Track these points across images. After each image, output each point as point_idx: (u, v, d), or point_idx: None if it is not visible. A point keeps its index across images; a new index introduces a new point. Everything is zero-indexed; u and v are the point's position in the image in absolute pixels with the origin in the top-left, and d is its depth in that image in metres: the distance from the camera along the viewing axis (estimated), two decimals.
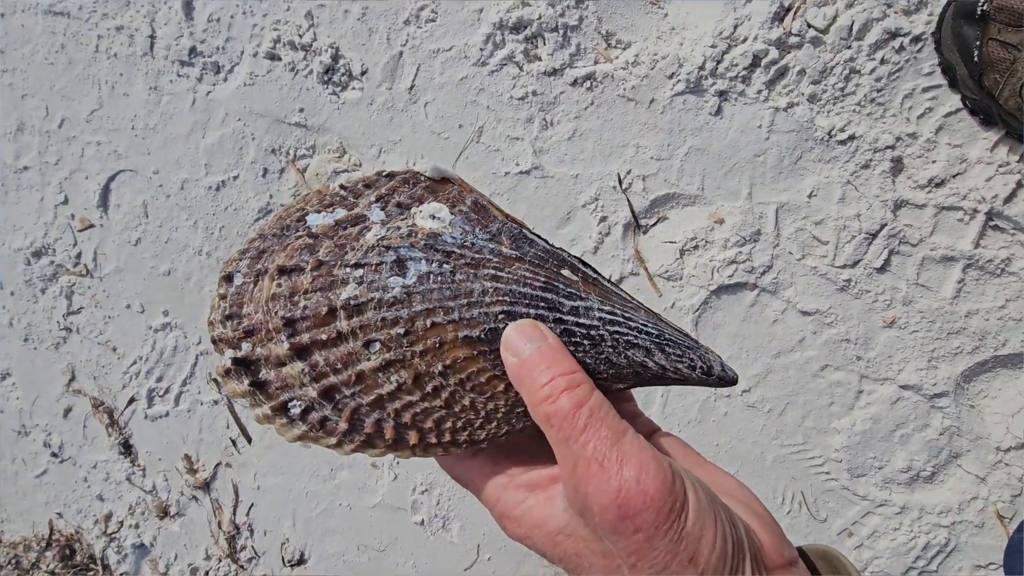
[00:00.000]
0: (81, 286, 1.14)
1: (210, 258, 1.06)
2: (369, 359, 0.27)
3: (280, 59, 0.95)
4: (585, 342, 0.28)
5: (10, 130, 1.13)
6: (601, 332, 0.28)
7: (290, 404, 0.27)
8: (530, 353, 0.26)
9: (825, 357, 0.82)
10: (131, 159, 1.06)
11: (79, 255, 1.13)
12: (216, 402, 1.10)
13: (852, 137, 0.77)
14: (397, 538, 1.04)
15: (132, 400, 1.15)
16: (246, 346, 0.28)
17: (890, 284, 0.79)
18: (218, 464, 1.12)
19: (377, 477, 1.03)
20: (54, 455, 1.23)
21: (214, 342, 0.29)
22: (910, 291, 0.78)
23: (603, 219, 0.86)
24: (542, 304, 0.28)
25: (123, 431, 1.17)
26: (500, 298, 0.27)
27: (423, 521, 1.02)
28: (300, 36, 0.94)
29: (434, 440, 0.28)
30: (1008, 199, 0.74)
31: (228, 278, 0.29)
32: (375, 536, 1.05)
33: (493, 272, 0.28)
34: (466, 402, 0.28)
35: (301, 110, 0.96)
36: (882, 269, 0.79)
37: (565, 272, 0.29)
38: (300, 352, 0.27)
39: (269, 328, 0.27)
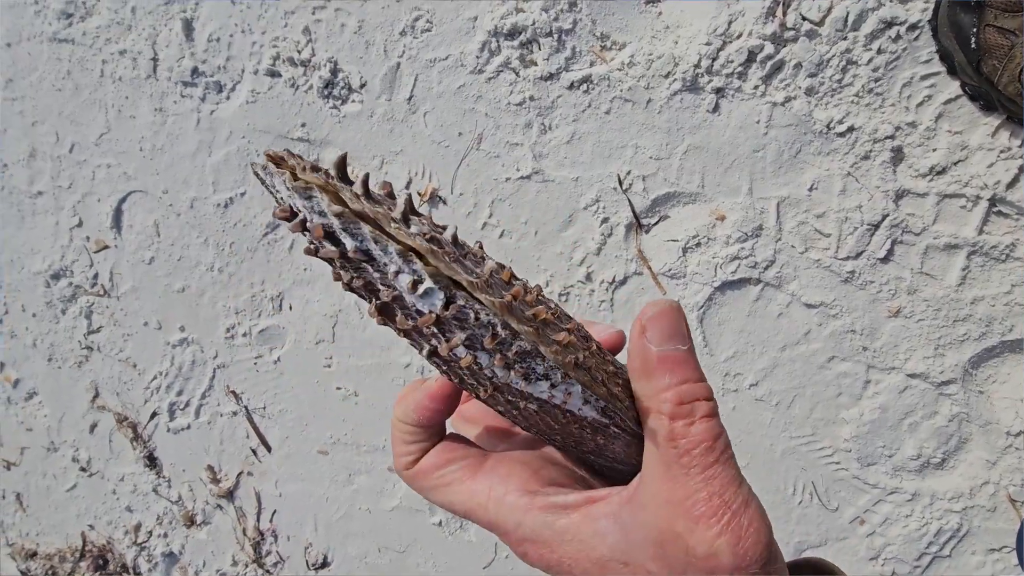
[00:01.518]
0: (99, 306, 1.17)
1: (222, 274, 1.08)
2: (487, 255, 0.23)
3: (280, 75, 0.97)
4: None
5: (23, 156, 1.15)
6: None
7: (412, 221, 0.21)
8: (671, 351, 0.23)
9: (831, 349, 0.82)
10: (141, 180, 1.09)
11: (96, 276, 1.16)
12: (235, 413, 1.13)
13: (851, 128, 0.77)
14: (416, 539, 1.06)
15: (154, 414, 1.18)
16: None
17: (894, 274, 0.79)
18: (240, 473, 1.15)
19: (394, 481, 1.06)
20: (83, 469, 1.27)
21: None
22: (914, 280, 0.78)
23: (605, 220, 0.87)
24: None
25: (147, 444, 1.20)
26: None
27: (441, 522, 1.04)
28: (299, 52, 0.95)
29: (582, 359, 0.23)
30: (1011, 184, 0.73)
31: None
32: (395, 538, 1.08)
33: None
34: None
35: (303, 125, 0.98)
36: (886, 259, 0.79)
37: None
38: (412, 211, 0.22)
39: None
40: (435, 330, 0.22)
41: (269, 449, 1.13)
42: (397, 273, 0.21)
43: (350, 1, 0.92)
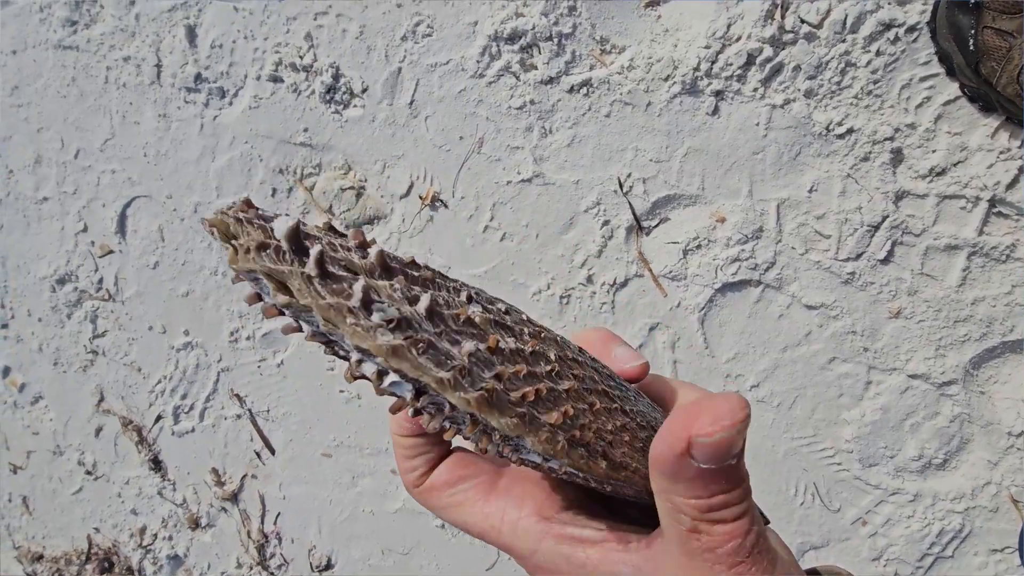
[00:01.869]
0: (104, 310, 1.18)
1: (225, 278, 1.09)
2: (473, 312, 0.19)
3: (283, 81, 0.98)
4: None
5: (28, 163, 1.16)
6: None
7: (375, 306, 0.18)
8: (715, 467, 0.20)
9: (832, 350, 0.83)
10: (145, 185, 1.10)
11: (101, 280, 1.17)
12: (239, 416, 1.14)
13: (850, 130, 0.77)
14: (420, 541, 1.07)
15: (159, 418, 1.19)
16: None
17: (894, 275, 0.79)
18: (244, 476, 1.16)
19: (398, 483, 1.06)
20: (88, 473, 1.28)
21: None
22: (915, 281, 0.79)
23: (606, 223, 0.87)
24: None
25: (152, 448, 1.21)
26: None
27: (444, 525, 1.05)
28: (301, 57, 0.96)
29: (579, 435, 0.20)
30: (1010, 185, 0.73)
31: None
32: (399, 540, 1.08)
33: None
34: (591, 403, 0.21)
35: (306, 130, 0.98)
36: (886, 260, 0.79)
37: None
38: (386, 269, 0.19)
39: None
40: (414, 408, 0.19)
41: (273, 452, 1.13)
42: (360, 362, 0.18)
43: (352, 7, 0.93)
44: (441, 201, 0.95)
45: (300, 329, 0.19)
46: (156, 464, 1.21)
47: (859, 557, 0.86)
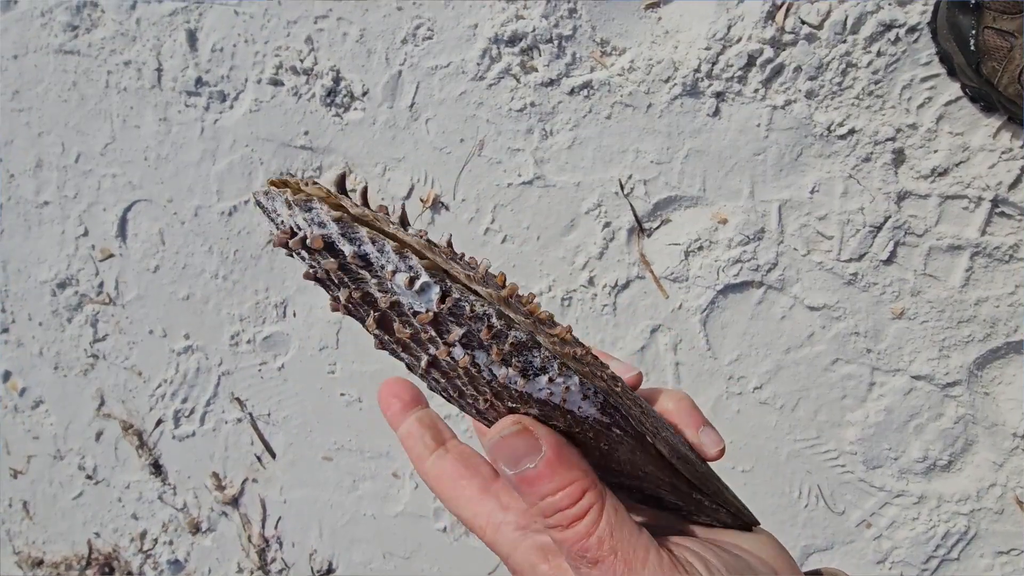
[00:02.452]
0: (105, 314, 1.18)
1: (226, 281, 1.09)
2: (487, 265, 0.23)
3: (283, 84, 0.98)
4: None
5: (29, 167, 1.17)
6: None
7: (408, 228, 0.22)
8: (523, 472, 0.23)
9: (835, 351, 0.82)
10: (146, 189, 1.10)
11: (101, 284, 1.16)
12: (240, 420, 1.14)
13: (852, 131, 0.77)
14: (421, 545, 1.06)
15: (159, 422, 1.19)
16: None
17: (897, 275, 0.79)
18: (245, 480, 1.15)
19: (399, 487, 1.06)
20: (89, 477, 1.27)
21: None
22: (918, 282, 0.78)
23: (607, 225, 0.87)
24: None
25: (152, 452, 1.21)
26: None
27: (445, 528, 1.04)
28: (301, 61, 0.96)
29: (580, 354, 0.23)
30: (1012, 185, 0.73)
31: None
32: (400, 544, 1.08)
33: None
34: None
35: (306, 133, 0.98)
36: (888, 261, 0.79)
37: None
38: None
39: None
40: (432, 333, 0.22)
41: (274, 456, 1.13)
42: (394, 273, 0.21)
43: (352, 10, 0.93)
44: (442, 203, 0.94)
45: (343, 263, 0.22)
46: (156, 468, 1.21)
47: (864, 560, 0.85)
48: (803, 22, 0.76)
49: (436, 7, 0.89)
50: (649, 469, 0.26)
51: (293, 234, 0.22)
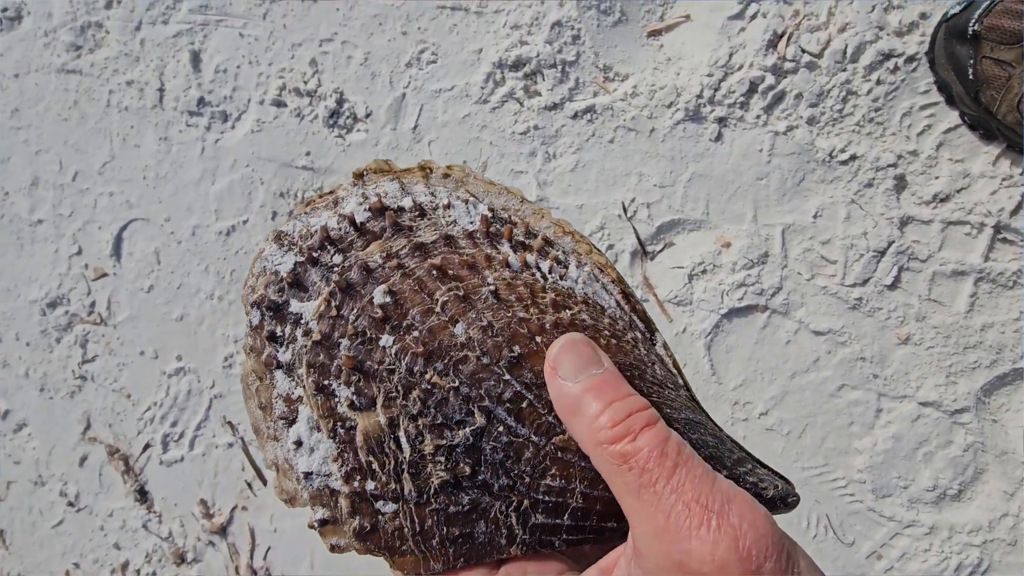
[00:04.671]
0: (95, 334, 1.15)
1: (222, 302, 1.07)
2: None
3: (286, 105, 0.98)
4: None
5: (25, 185, 1.15)
6: None
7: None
8: (589, 380, 0.22)
9: (841, 376, 0.81)
10: (143, 208, 1.09)
11: (93, 304, 1.14)
12: (231, 445, 1.10)
13: (853, 157, 0.78)
14: None
15: (147, 446, 1.15)
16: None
17: (902, 300, 0.79)
18: (234, 508, 1.11)
19: None
20: (70, 504, 1.22)
21: None
22: (923, 307, 0.78)
23: (610, 247, 0.87)
24: None
25: (139, 478, 1.17)
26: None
27: None
28: (305, 82, 0.96)
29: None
30: (1014, 212, 0.74)
31: None
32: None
33: None
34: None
35: (308, 153, 0.98)
36: (893, 286, 0.78)
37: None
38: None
39: None
40: (487, 250, 0.27)
41: (265, 482, 1.09)
42: (447, 207, 0.28)
43: (357, 34, 0.94)
44: None
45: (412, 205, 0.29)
46: (142, 495, 1.17)
47: None
48: (803, 51, 0.78)
49: (441, 32, 0.90)
50: (682, 394, 0.28)
51: (381, 207, 0.28)
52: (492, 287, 0.25)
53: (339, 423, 0.24)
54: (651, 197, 0.85)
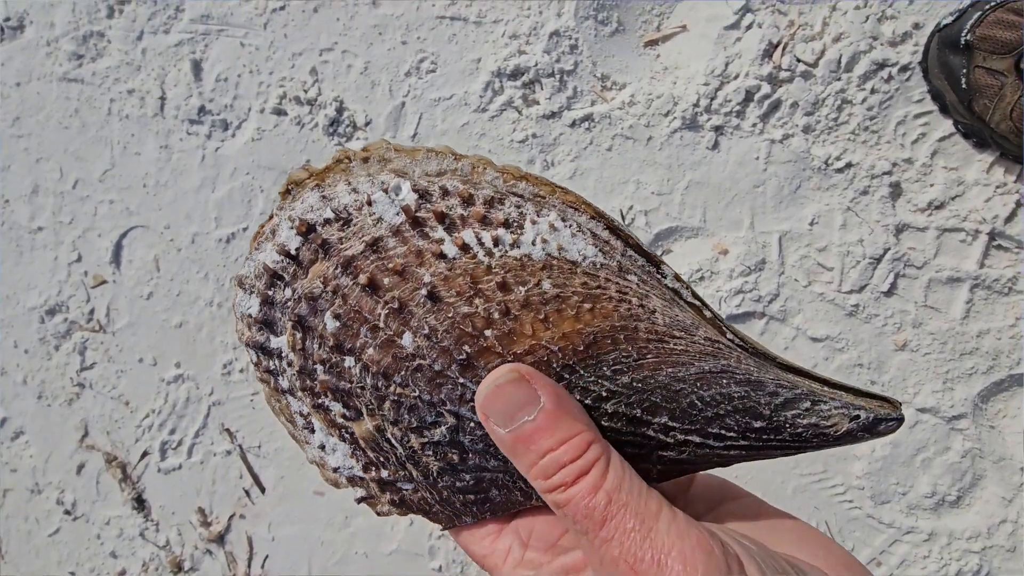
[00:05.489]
0: (94, 341, 1.15)
1: (221, 309, 1.07)
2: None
3: (286, 114, 0.99)
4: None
5: (25, 193, 1.16)
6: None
7: None
8: (519, 430, 0.21)
9: None
10: (143, 215, 1.09)
11: (92, 311, 1.14)
12: (229, 452, 1.10)
13: (849, 165, 0.79)
14: None
15: (145, 454, 1.15)
16: None
17: (898, 307, 0.79)
18: (232, 516, 1.11)
19: (393, 523, 1.02)
20: (67, 512, 1.22)
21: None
22: (919, 313, 0.78)
23: None
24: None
25: (136, 486, 1.16)
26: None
27: (441, 567, 1.00)
28: (305, 91, 0.97)
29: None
30: (1008, 219, 0.74)
31: None
32: None
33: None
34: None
35: (308, 161, 0.99)
36: (889, 293, 0.79)
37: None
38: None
39: None
40: (416, 241, 0.24)
41: (263, 490, 1.09)
42: (369, 203, 0.25)
43: (357, 44, 0.95)
44: None
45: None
46: (139, 503, 1.16)
47: None
48: (799, 60, 0.79)
49: (440, 42, 0.91)
50: (707, 332, 0.24)
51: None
52: (427, 288, 0.23)
53: (342, 430, 0.26)
54: (649, 204, 0.86)
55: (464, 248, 0.24)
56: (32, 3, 1.10)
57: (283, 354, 0.25)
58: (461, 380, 0.23)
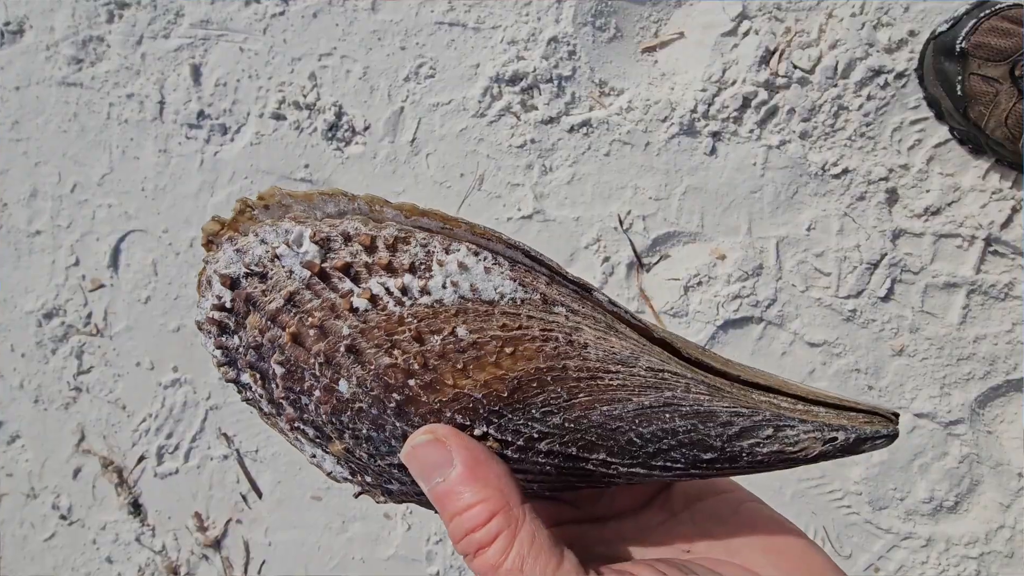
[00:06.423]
0: (91, 345, 1.15)
1: None
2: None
3: (285, 118, 0.99)
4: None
5: (23, 196, 1.16)
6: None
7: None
8: (433, 490, 0.22)
9: (837, 387, 0.82)
10: (141, 219, 1.09)
11: (90, 315, 1.14)
12: (226, 457, 1.10)
13: (845, 171, 0.79)
14: None
15: (142, 458, 1.14)
16: None
17: (895, 312, 0.79)
18: (228, 521, 1.10)
19: (390, 528, 1.02)
20: (63, 517, 1.21)
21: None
22: (916, 318, 0.79)
23: (606, 259, 0.88)
24: None
25: (132, 490, 1.16)
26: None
27: (439, 572, 1.00)
28: (304, 96, 0.97)
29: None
30: (1005, 224, 0.75)
31: None
32: None
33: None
34: None
35: (306, 166, 0.99)
36: (886, 298, 0.79)
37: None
38: None
39: None
40: (327, 295, 0.24)
41: (260, 495, 1.09)
42: (277, 257, 0.25)
43: (356, 49, 0.95)
44: None
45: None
46: (135, 508, 1.16)
47: None
48: (795, 66, 0.79)
49: (439, 47, 0.92)
50: (649, 361, 0.23)
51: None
52: (347, 341, 0.23)
53: (323, 447, 0.26)
54: (646, 210, 0.86)
55: (373, 300, 0.23)
56: (32, 7, 1.10)
57: (253, 389, 0.27)
58: (398, 424, 0.23)
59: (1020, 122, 0.67)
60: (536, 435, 0.23)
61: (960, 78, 0.70)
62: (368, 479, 0.27)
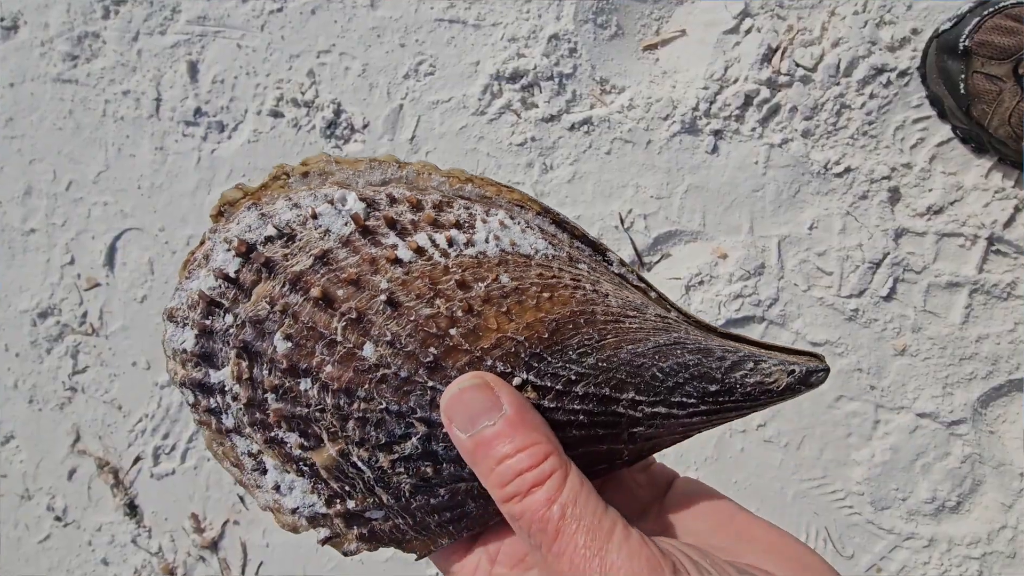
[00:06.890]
0: (87, 345, 1.14)
1: None
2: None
3: (283, 116, 0.98)
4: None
5: (18, 194, 1.14)
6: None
7: None
8: (480, 435, 0.22)
9: (839, 388, 0.81)
10: (137, 217, 1.08)
11: (85, 314, 1.13)
12: None
13: (848, 169, 0.79)
14: None
15: (138, 459, 1.13)
16: None
17: (898, 312, 0.79)
18: (225, 522, 1.09)
19: None
20: (58, 519, 1.20)
21: None
22: (918, 318, 0.78)
23: None
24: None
25: (128, 491, 1.15)
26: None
27: (437, 574, 0.99)
28: (302, 93, 0.97)
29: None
30: (1007, 224, 0.74)
31: None
32: None
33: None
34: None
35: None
36: (888, 297, 0.79)
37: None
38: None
39: None
40: (369, 249, 0.24)
41: None
42: (314, 216, 0.25)
43: (355, 46, 0.94)
44: None
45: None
46: (132, 509, 1.15)
47: None
48: (798, 65, 0.79)
49: (438, 44, 0.91)
50: (655, 310, 0.26)
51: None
52: (385, 295, 0.23)
53: (300, 463, 0.25)
54: (648, 208, 0.85)
55: (419, 251, 0.24)
56: (26, 3, 1.09)
57: (226, 388, 0.24)
58: (430, 383, 0.23)
59: (1023, 121, 0.67)
60: (574, 377, 0.24)
61: (963, 76, 0.70)
62: (350, 505, 0.25)
